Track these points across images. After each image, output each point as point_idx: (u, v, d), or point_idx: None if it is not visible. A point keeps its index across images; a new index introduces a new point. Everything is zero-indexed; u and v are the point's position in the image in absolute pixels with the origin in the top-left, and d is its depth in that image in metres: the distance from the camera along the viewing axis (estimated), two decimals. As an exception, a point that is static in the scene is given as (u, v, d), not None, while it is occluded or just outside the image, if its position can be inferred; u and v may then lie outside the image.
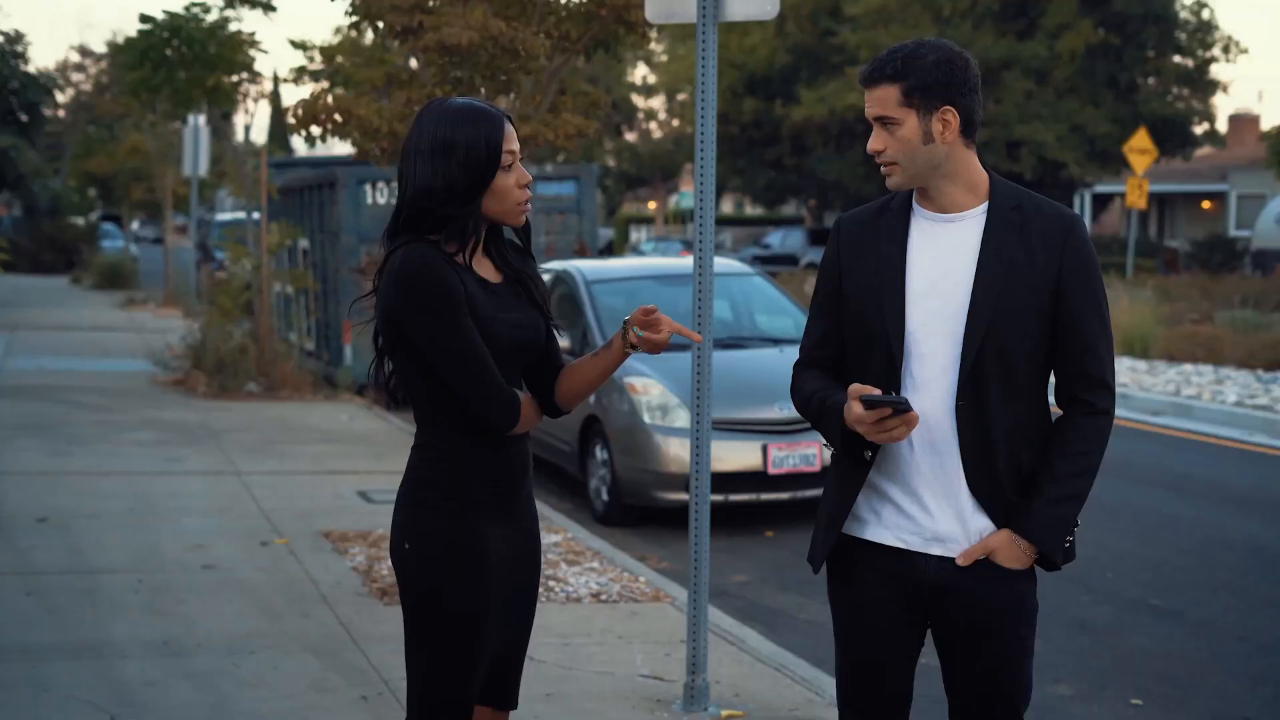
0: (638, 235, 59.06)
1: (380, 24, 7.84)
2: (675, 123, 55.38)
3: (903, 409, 3.49)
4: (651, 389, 10.57)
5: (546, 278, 12.98)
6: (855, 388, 3.56)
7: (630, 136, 57.62)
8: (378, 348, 3.73)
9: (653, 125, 57.89)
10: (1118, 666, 7.39)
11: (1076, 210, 49.16)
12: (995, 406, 3.64)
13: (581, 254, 17.26)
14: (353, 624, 7.33)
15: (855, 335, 3.77)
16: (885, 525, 3.75)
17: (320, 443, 13.07)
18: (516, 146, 3.67)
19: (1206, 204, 50.34)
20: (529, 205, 3.73)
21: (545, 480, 12.40)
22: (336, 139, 8.66)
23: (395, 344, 3.66)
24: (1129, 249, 32.63)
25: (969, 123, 3.68)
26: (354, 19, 8.04)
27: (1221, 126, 57.01)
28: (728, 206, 68.94)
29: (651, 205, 64.28)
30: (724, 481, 9.93)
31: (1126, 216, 37.60)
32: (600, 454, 11.03)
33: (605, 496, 10.93)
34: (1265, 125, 47.64)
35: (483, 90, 7.71)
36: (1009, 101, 37.03)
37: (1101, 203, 51.44)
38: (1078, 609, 8.38)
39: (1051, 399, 3.78)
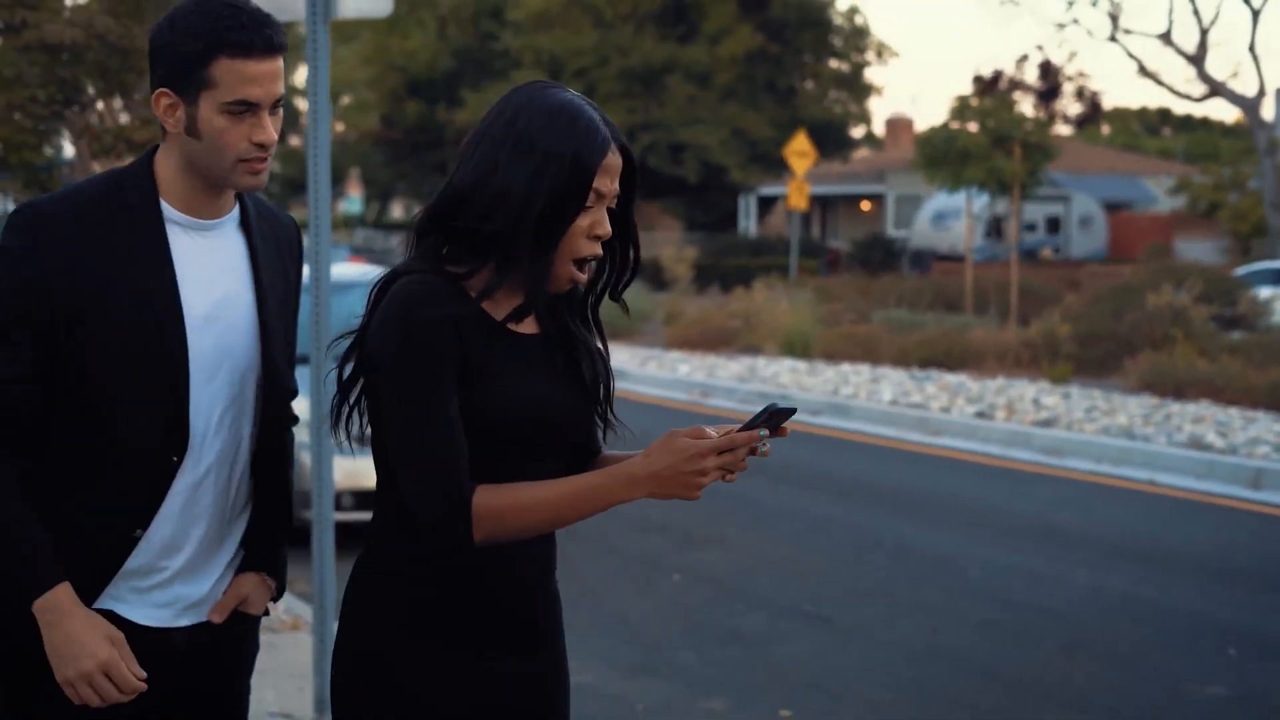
0: (307, 242, 58.03)
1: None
2: (339, 127, 54.60)
3: None
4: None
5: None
6: None
7: (294, 141, 56.51)
8: (350, 389, 2.76)
9: (316, 130, 56.83)
10: (770, 677, 7.27)
11: (742, 212, 50.43)
12: (264, 448, 3.08)
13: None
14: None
15: (107, 377, 2.86)
16: (150, 602, 2.99)
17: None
18: (611, 186, 2.69)
19: (866, 205, 51.77)
20: (586, 270, 2.72)
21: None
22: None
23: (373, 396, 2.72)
24: (792, 250, 33.24)
25: None
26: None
27: (879, 129, 59.00)
28: (398, 210, 68.37)
29: (320, 210, 63.17)
30: (370, 499, 9.59)
31: (789, 218, 38.38)
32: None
33: (250, 518, 10.43)
34: (919, 127, 49.20)
35: (90, 89, 7.20)
36: (671, 105, 37.36)
37: (766, 205, 52.46)
38: (731, 619, 8.27)
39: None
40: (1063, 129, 43.48)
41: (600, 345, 2.83)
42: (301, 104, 55.39)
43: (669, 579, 9.20)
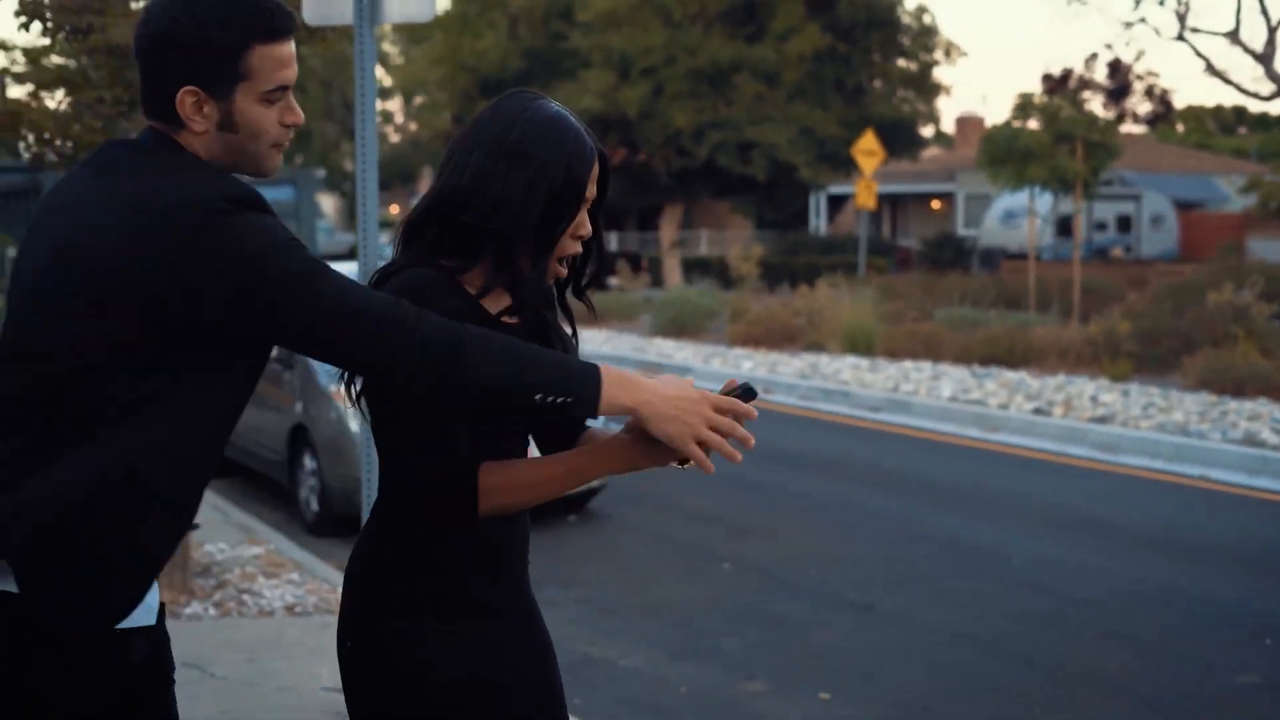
0: (381, 239, 58.59)
1: (49, 24, 7.53)
2: (413, 126, 55.00)
3: None
4: (358, 396, 10.39)
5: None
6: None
7: (394, 137, 57.02)
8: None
9: (389, 129, 57.28)
10: (810, 661, 7.47)
11: (813, 210, 50.43)
12: None
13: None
14: None
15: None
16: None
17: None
18: (593, 191, 2.91)
19: (936, 204, 51.72)
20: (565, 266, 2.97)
21: (257, 490, 12.14)
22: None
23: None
24: (860, 248, 33.31)
25: None
26: (23, 19, 7.73)
27: (949, 128, 58.86)
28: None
29: (393, 209, 63.74)
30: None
31: (858, 216, 38.45)
32: (309, 463, 10.83)
33: (315, 507, 10.73)
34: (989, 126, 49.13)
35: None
36: (740, 104, 37.50)
37: (837, 203, 52.51)
38: (775, 605, 8.47)
39: None
40: (1134, 128, 43.19)
41: (571, 329, 3.06)
42: (378, 104, 55.94)
43: (719, 568, 9.41)
